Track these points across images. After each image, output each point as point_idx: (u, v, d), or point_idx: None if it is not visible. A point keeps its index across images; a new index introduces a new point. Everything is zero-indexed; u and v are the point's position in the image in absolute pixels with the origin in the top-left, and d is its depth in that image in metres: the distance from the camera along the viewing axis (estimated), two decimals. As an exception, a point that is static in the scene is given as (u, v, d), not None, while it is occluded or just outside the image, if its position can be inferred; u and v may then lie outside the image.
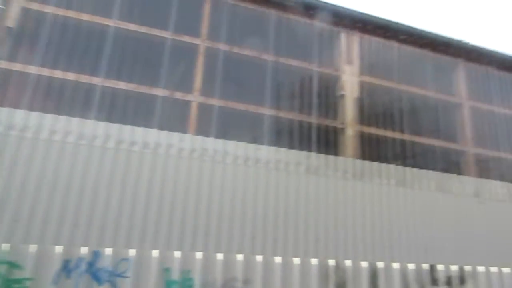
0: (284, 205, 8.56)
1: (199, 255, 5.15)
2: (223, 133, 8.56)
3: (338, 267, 5.69)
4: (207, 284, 5.19)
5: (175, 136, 7.95)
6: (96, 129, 6.39)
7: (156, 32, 8.89)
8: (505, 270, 6.47)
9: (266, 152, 8.73)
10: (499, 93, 12.08)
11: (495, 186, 10.77)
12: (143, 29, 8.86)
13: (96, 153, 6.31)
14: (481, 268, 6.38)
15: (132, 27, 8.80)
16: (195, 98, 8.51)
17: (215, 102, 8.65)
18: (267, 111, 9.17)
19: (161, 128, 7.79)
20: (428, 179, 10.25)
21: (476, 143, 11.28)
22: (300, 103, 9.66)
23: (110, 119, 7.31)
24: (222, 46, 9.00)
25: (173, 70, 8.62)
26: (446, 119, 11.20)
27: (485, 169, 11.09)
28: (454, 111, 11.45)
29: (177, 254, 5.08)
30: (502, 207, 10.64)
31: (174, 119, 8.21)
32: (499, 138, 11.67)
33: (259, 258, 5.40)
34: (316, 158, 9.20)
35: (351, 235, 8.83)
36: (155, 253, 5.05)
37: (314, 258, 6.21)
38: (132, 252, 5.26)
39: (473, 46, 11.76)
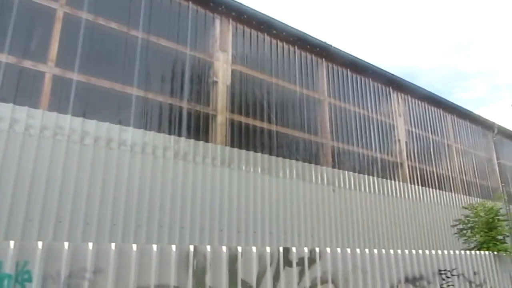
0: (150, 190, 8.20)
1: (39, 244, 4.54)
2: (83, 111, 7.78)
3: (198, 253, 5.64)
4: (49, 277, 4.59)
5: (22, 111, 6.91)
6: None
7: (-1, -15, 7.57)
8: (348, 250, 7.28)
9: (132, 134, 8.22)
10: (352, 93, 13.54)
11: (346, 176, 12.16)
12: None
13: None
14: (328, 249, 7.06)
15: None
16: (49, 70, 7.53)
17: (74, 76, 7.79)
18: (135, 92, 8.64)
19: (4, 100, 6.73)
20: (291, 168, 11.02)
21: (333, 136, 12.47)
22: (171, 86, 9.35)
23: None
24: (85, 15, 8.12)
25: (22, 34, 7.46)
26: (310, 113, 12.10)
27: (339, 161, 12.35)
28: (317, 107, 12.44)
29: (11, 244, 4.40)
30: (351, 195, 12.07)
31: (21, 91, 7.15)
32: (352, 134, 13.10)
33: (112, 246, 5.02)
34: (185, 144, 9.03)
35: (216, 221, 8.95)
36: (-19, 244, 4.30)
37: (178, 245, 6.07)
38: None
39: (335, 48, 12.91)
